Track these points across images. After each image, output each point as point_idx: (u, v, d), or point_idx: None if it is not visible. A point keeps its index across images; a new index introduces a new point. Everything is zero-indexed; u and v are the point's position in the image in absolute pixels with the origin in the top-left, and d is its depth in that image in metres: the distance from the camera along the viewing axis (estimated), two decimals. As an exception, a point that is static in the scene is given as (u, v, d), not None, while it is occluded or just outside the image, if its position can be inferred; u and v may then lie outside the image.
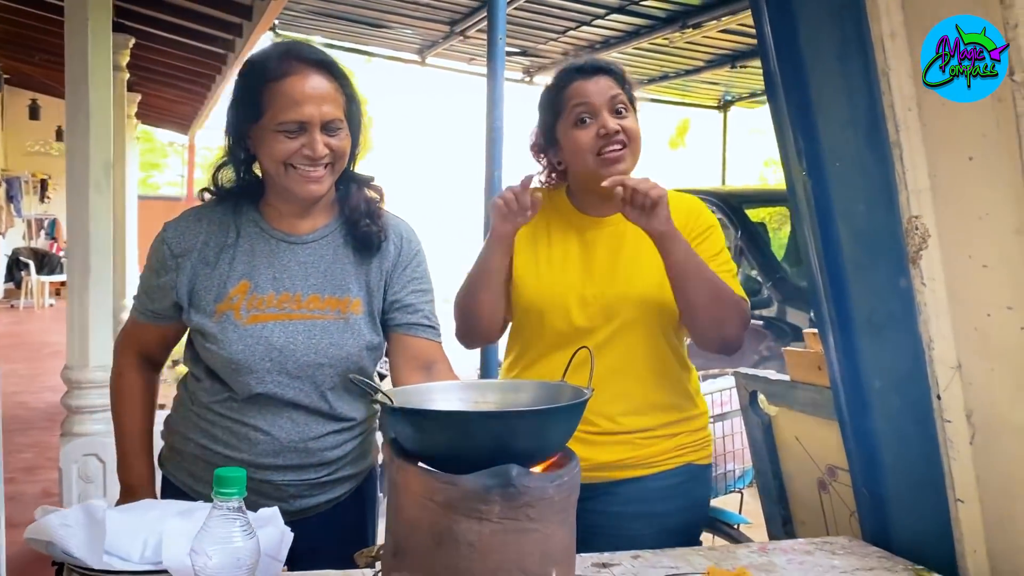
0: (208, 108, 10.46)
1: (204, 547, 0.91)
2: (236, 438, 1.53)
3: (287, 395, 1.52)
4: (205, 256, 1.53)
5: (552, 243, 1.78)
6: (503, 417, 1.05)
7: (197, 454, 1.58)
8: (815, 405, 1.90)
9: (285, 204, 1.55)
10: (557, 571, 1.00)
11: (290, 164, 1.46)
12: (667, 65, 8.33)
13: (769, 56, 1.65)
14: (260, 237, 1.55)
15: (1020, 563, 1.41)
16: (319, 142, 1.44)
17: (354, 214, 1.58)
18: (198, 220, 1.56)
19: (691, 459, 1.80)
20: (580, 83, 1.73)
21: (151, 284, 1.58)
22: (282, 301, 1.52)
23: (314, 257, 1.56)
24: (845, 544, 1.65)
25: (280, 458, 1.53)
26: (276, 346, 1.50)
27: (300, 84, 1.43)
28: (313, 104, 1.43)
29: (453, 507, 0.95)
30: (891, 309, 1.52)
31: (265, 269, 1.53)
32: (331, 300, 1.54)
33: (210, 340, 1.51)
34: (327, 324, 1.53)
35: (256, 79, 1.46)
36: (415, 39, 7.87)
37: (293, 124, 1.43)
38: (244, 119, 1.48)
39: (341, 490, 1.63)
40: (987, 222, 1.32)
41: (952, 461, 1.46)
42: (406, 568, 0.99)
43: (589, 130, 1.70)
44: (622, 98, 1.72)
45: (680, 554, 1.54)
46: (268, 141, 1.46)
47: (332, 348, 1.52)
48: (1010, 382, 1.35)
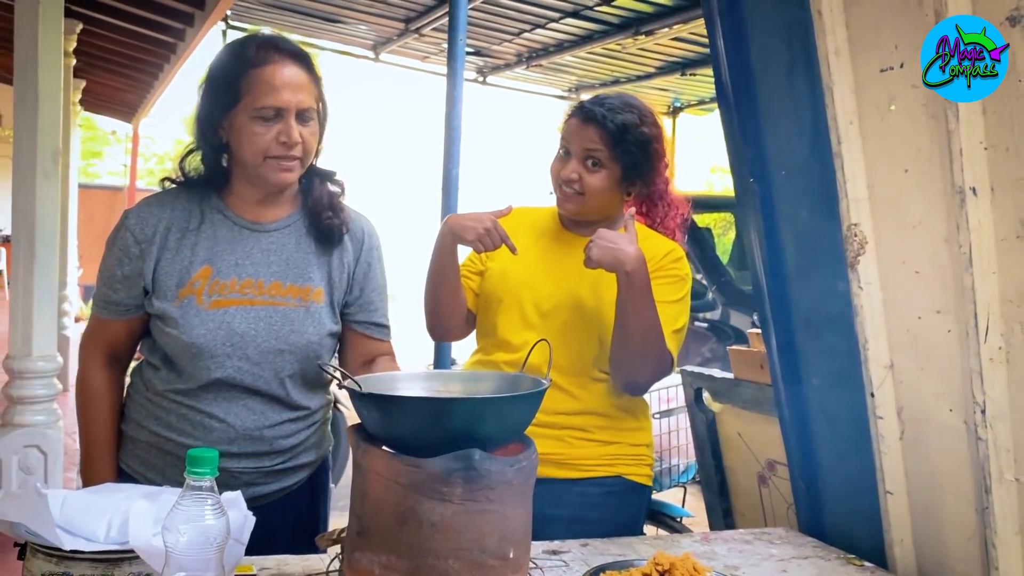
0: (154, 97, 10.25)
1: (176, 525, 0.93)
2: (191, 425, 1.54)
3: (246, 381, 1.54)
4: (167, 242, 1.54)
5: (532, 250, 1.85)
6: (468, 403, 1.10)
7: (151, 442, 1.58)
8: (757, 402, 1.99)
9: (252, 192, 1.58)
10: (515, 551, 1.05)
11: (268, 155, 1.50)
12: (619, 70, 8.45)
13: (721, 68, 1.73)
14: (223, 224, 1.57)
15: (943, 551, 1.50)
16: (294, 128, 1.49)
17: (317, 206, 1.62)
18: (160, 206, 1.57)
19: (624, 472, 1.81)
20: (573, 123, 1.80)
21: (114, 275, 1.57)
22: (244, 287, 1.54)
23: (277, 245, 1.59)
24: (782, 534, 1.73)
25: (235, 446, 1.55)
26: (238, 331, 1.52)
27: (279, 71, 1.48)
28: (290, 91, 1.48)
29: (417, 488, 1.00)
30: (830, 311, 1.61)
31: (227, 255, 1.55)
32: (293, 288, 1.57)
33: (171, 324, 1.52)
34: (288, 311, 1.56)
35: (235, 66, 1.50)
36: (369, 35, 7.84)
37: (270, 110, 1.47)
38: (220, 105, 1.51)
39: (295, 479, 1.65)
40: (920, 231, 1.41)
41: (883, 455, 1.55)
42: (369, 548, 1.03)
43: (558, 164, 1.81)
44: (599, 153, 1.76)
45: (627, 543, 1.61)
46: (244, 128, 1.49)
47: (293, 335, 1.55)
48: (937, 381, 1.44)
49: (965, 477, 1.41)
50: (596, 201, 1.79)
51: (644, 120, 1.77)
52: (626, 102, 1.79)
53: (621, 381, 1.77)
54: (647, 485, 1.87)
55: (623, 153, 1.75)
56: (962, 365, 1.37)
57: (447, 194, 3.39)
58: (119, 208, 13.50)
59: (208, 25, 6.10)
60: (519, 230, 1.81)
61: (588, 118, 1.77)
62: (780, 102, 1.63)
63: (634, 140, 1.75)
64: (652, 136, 1.78)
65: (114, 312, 1.59)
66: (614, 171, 1.77)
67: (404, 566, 1.01)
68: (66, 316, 6.65)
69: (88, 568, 1.09)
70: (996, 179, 1.27)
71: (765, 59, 1.64)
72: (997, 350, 1.31)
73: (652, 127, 1.78)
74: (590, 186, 1.77)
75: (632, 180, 1.80)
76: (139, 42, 7.24)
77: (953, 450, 1.42)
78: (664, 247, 1.82)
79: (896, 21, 1.38)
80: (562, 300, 1.79)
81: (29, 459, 3.29)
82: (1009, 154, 1.25)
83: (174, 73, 8.19)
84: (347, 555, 1.08)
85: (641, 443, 1.86)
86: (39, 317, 3.31)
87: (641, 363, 1.71)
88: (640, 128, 1.75)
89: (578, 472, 1.77)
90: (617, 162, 1.76)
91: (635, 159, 1.76)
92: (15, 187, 3.35)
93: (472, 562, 1.01)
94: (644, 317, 1.66)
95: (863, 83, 1.45)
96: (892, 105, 1.41)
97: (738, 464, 2.11)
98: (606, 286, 1.72)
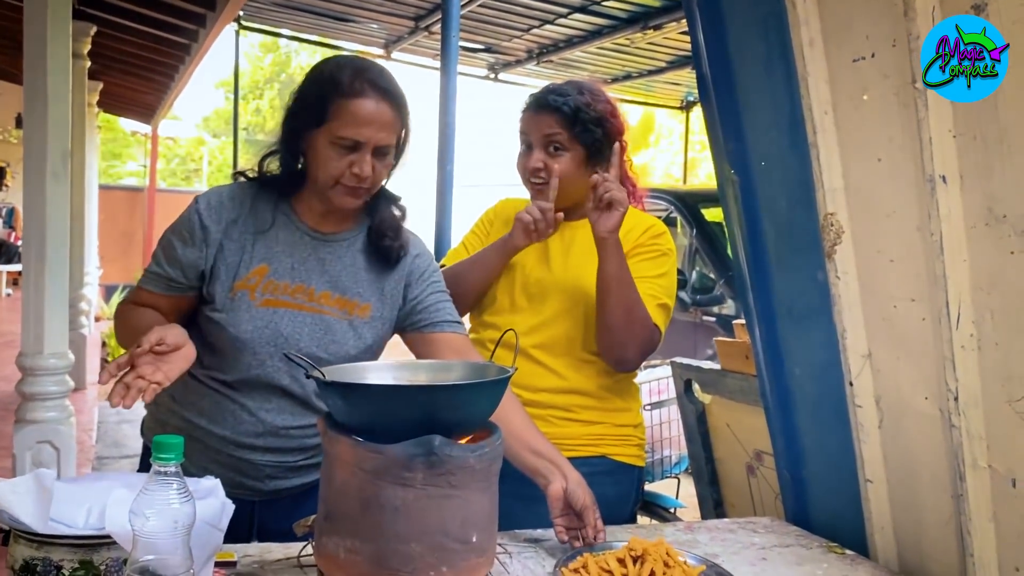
0: (171, 98, 10.37)
1: (142, 509, 0.96)
2: (222, 413, 1.58)
3: (282, 382, 1.57)
4: (231, 233, 1.56)
5: None
6: (427, 390, 1.12)
7: (180, 427, 1.60)
8: (743, 392, 2.00)
9: (319, 204, 1.60)
10: (478, 535, 1.07)
11: (339, 182, 1.52)
12: (630, 65, 8.45)
13: (702, 61, 1.74)
14: (287, 227, 1.60)
15: (921, 539, 1.50)
16: (368, 163, 1.50)
17: (381, 227, 1.64)
18: (232, 199, 1.58)
19: (609, 452, 1.84)
20: (528, 115, 1.86)
21: (173, 251, 1.56)
22: (296, 291, 1.57)
23: (333, 256, 1.61)
24: (767, 523, 1.75)
25: (262, 440, 1.58)
26: (283, 333, 1.55)
27: (368, 107, 1.48)
28: (374, 129, 1.49)
29: (380, 474, 1.02)
30: (810, 301, 1.62)
31: (285, 257, 1.58)
32: (340, 300, 1.60)
33: (220, 315, 1.54)
34: (332, 321, 1.58)
35: (328, 89, 1.50)
36: (380, 33, 7.89)
37: (350, 141, 1.49)
38: (305, 123, 1.53)
39: (314, 475, 1.68)
40: (893, 219, 1.42)
41: (863, 444, 1.56)
42: (335, 532, 1.06)
43: (523, 160, 1.86)
44: (559, 137, 1.80)
45: (610, 531, 1.62)
46: (322, 150, 1.51)
47: (334, 345, 1.58)
48: (913, 369, 1.44)
49: (941, 465, 1.42)
50: (565, 185, 1.81)
51: (596, 98, 1.82)
52: (574, 84, 1.85)
53: (610, 360, 1.80)
54: (635, 465, 1.89)
55: (582, 132, 1.80)
56: (936, 353, 1.38)
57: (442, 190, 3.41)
58: (140, 209, 13.67)
59: (220, 25, 6.17)
60: (507, 220, 1.87)
61: (541, 106, 1.82)
62: (758, 94, 1.64)
63: (590, 119, 1.80)
64: (606, 112, 1.83)
65: (163, 286, 1.57)
66: (577, 152, 1.81)
67: (368, 549, 1.03)
68: (84, 315, 6.76)
69: (68, 553, 1.12)
70: (965, 167, 1.28)
71: (743, 51, 1.65)
72: (969, 337, 1.32)
73: (604, 103, 1.84)
74: (556, 172, 1.80)
75: (596, 159, 1.82)
76: (153, 43, 7.33)
77: (929, 438, 1.43)
78: (645, 222, 1.87)
79: (867, 11, 1.38)
80: (549, 283, 1.84)
81: (42, 455, 3.35)
82: (977, 142, 1.26)
83: (190, 74, 8.28)
84: (316, 540, 1.11)
85: (627, 424, 1.88)
86: (50, 315, 3.37)
87: (626, 344, 1.74)
88: (593, 106, 1.81)
89: (562, 451, 1.77)
90: (578, 142, 1.81)
91: (594, 136, 1.81)
92: (25, 188, 3.41)
93: (434, 546, 1.03)
94: (622, 297, 1.71)
95: (837, 73, 1.46)
96: (865, 95, 1.41)
97: (727, 454, 2.12)
98: (587, 269, 1.77)
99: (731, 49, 1.66)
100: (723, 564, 1.44)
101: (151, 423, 1.71)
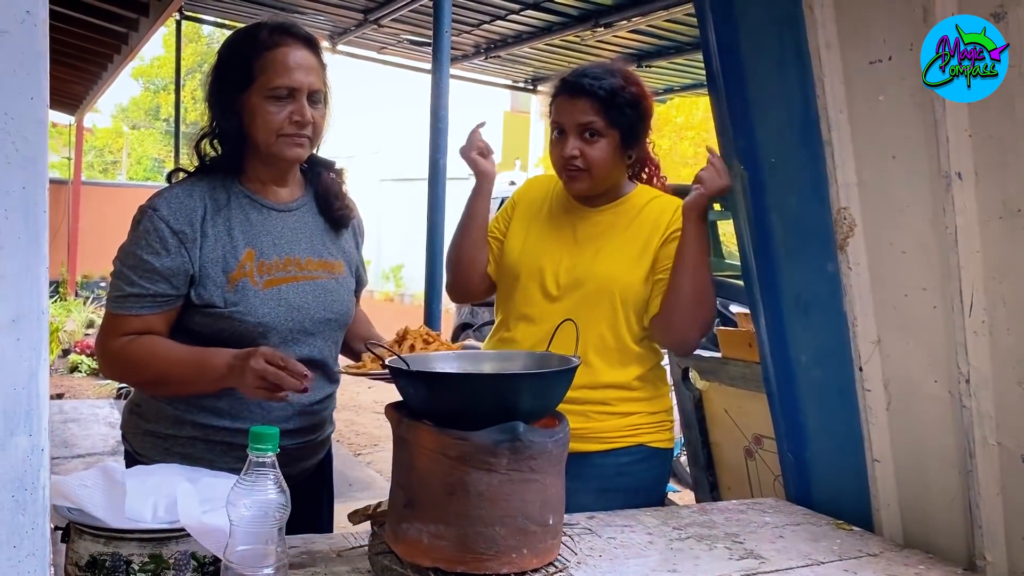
0: (102, 89, 10.04)
1: (239, 500, 0.97)
2: (246, 407, 1.56)
3: (306, 353, 1.59)
4: (205, 230, 1.55)
5: (545, 222, 1.90)
6: (511, 379, 1.15)
7: (195, 436, 1.57)
8: (744, 379, 2.07)
9: (266, 172, 1.62)
10: (553, 518, 1.11)
11: (281, 134, 1.55)
12: (576, 62, 8.49)
13: (712, 59, 1.80)
14: (251, 207, 1.61)
15: (926, 513, 1.60)
16: (306, 108, 1.54)
17: (326, 195, 1.69)
18: (189, 196, 1.56)
19: (645, 440, 1.87)
20: (561, 101, 1.82)
21: (150, 267, 1.50)
22: (287, 264, 1.60)
23: (300, 223, 1.66)
24: (772, 504, 1.82)
25: (292, 422, 1.59)
26: (295, 306, 1.58)
27: (292, 54, 1.54)
28: (303, 73, 1.54)
29: (466, 460, 1.05)
30: (818, 291, 1.69)
31: (264, 236, 1.59)
32: (322, 263, 1.65)
33: (231, 309, 1.52)
34: (325, 283, 1.64)
35: (248, 48, 1.55)
36: (326, 25, 7.79)
37: (284, 90, 1.53)
38: (233, 87, 1.55)
39: (322, 453, 1.74)
40: (906, 213, 1.50)
41: (871, 426, 1.64)
42: (417, 518, 1.08)
43: (557, 148, 1.83)
44: (596, 124, 1.77)
45: (631, 515, 1.68)
46: (258, 107, 1.54)
47: (336, 304, 1.65)
48: (923, 355, 1.53)
49: (948, 443, 1.51)
50: (602, 172, 1.81)
51: (628, 80, 1.81)
52: (605, 68, 1.82)
53: (672, 340, 1.83)
54: (668, 448, 1.93)
55: (618, 116, 1.77)
56: (946, 339, 1.46)
57: (434, 184, 3.44)
58: (64, 203, 13.14)
59: (164, 17, 6.02)
60: (533, 200, 1.89)
61: (576, 91, 1.78)
62: (770, 93, 1.71)
63: (625, 102, 1.78)
64: (640, 94, 1.82)
65: (152, 305, 1.51)
66: (613, 137, 1.79)
67: (453, 534, 1.06)
68: None
69: (136, 548, 1.12)
70: (980, 165, 1.36)
71: (756, 51, 1.71)
72: (981, 323, 1.40)
73: (636, 86, 1.82)
74: (593, 159, 1.78)
75: (631, 142, 1.82)
76: (89, 32, 7.09)
77: (938, 418, 1.52)
78: (675, 204, 1.87)
79: (885, 16, 1.46)
80: (579, 273, 1.83)
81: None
82: (992, 141, 1.34)
83: (125, 64, 8.04)
84: (392, 527, 1.13)
85: (661, 410, 1.91)
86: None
87: (696, 323, 1.78)
88: (627, 88, 1.79)
89: (602, 444, 1.82)
90: (614, 127, 1.78)
91: (630, 120, 1.79)
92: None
93: (516, 528, 1.07)
94: (699, 275, 1.75)
95: (853, 74, 1.53)
96: (881, 95, 1.49)
97: (724, 439, 2.20)
98: (619, 258, 1.80)
99: (744, 50, 1.73)
100: (746, 544, 1.52)
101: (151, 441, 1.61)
